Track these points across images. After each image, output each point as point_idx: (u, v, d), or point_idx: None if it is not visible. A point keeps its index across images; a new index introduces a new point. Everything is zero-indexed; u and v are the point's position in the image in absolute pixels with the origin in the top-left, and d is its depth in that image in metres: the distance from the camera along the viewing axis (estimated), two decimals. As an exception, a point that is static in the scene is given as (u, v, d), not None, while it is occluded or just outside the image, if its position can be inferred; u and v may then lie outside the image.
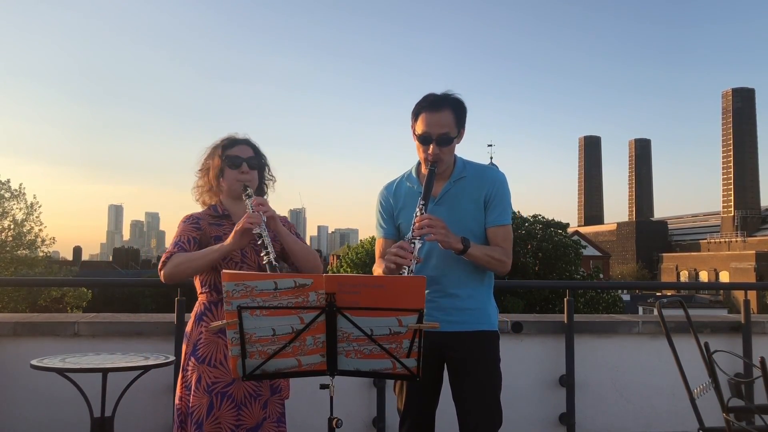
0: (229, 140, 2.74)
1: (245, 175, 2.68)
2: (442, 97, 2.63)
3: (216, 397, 2.49)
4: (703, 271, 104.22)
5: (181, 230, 2.66)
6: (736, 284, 41.71)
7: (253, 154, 2.73)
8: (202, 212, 2.75)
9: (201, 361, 2.54)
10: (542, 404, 4.42)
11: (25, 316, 4.50)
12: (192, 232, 2.64)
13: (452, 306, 2.64)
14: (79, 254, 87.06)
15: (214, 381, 2.51)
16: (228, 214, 2.71)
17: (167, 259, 2.56)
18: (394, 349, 1.95)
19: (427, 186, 2.57)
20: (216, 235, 2.65)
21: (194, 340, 2.59)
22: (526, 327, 4.43)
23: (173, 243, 2.63)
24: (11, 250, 32.02)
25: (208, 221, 2.70)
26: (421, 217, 2.49)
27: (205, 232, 2.66)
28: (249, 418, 2.54)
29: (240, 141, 2.75)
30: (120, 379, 3.31)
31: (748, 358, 4.40)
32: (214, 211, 2.73)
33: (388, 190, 2.82)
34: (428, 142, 2.60)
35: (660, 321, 3.34)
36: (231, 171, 2.68)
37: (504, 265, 2.66)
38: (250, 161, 2.70)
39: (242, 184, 2.65)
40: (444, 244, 2.52)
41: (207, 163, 2.76)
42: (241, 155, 2.69)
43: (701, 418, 3.14)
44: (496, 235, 2.67)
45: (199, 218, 2.70)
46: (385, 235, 2.80)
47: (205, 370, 2.52)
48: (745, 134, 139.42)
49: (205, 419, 2.47)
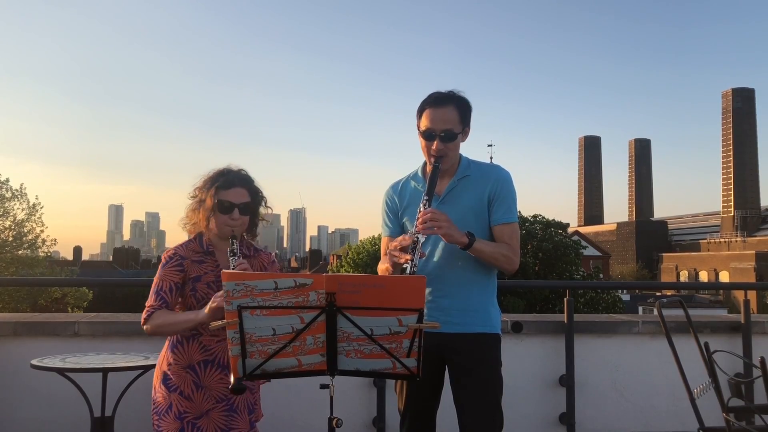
0: (225, 180, 2.64)
1: (235, 221, 2.61)
2: (447, 95, 2.64)
3: (187, 425, 2.53)
4: (703, 271, 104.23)
5: (163, 275, 2.61)
6: (736, 284, 41.73)
7: (247, 200, 2.65)
8: (186, 247, 2.68)
9: (172, 390, 2.56)
10: (542, 404, 4.42)
11: (25, 316, 4.51)
12: (174, 277, 2.60)
13: (453, 307, 2.62)
14: (79, 254, 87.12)
15: (185, 410, 2.54)
16: (212, 251, 2.67)
17: (149, 316, 2.56)
18: (394, 349, 1.95)
19: (431, 181, 2.57)
20: (196, 276, 2.61)
21: (165, 369, 2.62)
22: (526, 327, 4.43)
23: (154, 292, 2.59)
24: (12, 250, 32.01)
25: (192, 258, 2.65)
26: (424, 212, 2.48)
27: (186, 272, 2.62)
28: None
29: (235, 182, 2.64)
30: (120, 379, 3.31)
31: (748, 358, 4.40)
32: (199, 245, 2.67)
33: (393, 189, 2.83)
34: (432, 138, 2.60)
35: (660, 321, 3.34)
36: (221, 215, 2.60)
37: (511, 261, 2.64)
38: (242, 208, 2.63)
39: (230, 231, 2.60)
40: (448, 238, 2.51)
41: (200, 197, 2.67)
42: (234, 201, 2.60)
43: (701, 418, 3.14)
44: (502, 232, 2.66)
45: (183, 258, 2.64)
46: (390, 233, 2.80)
47: (176, 398, 2.55)
48: (745, 134, 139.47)
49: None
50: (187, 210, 2.73)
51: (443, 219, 2.48)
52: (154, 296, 2.59)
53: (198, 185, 2.70)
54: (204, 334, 2.58)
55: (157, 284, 2.61)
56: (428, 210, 2.49)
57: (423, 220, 2.46)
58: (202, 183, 2.69)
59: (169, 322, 2.52)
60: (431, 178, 2.57)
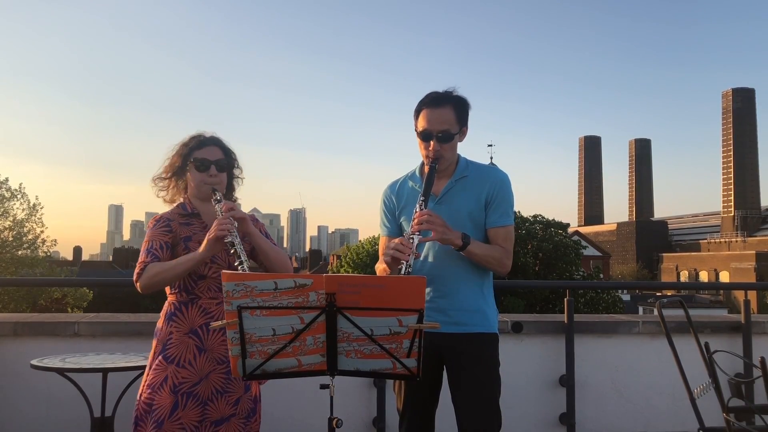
0: (196, 140, 2.68)
1: (213, 178, 2.63)
2: (444, 95, 2.63)
3: (181, 397, 2.48)
4: (703, 271, 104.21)
5: (152, 235, 2.62)
6: (736, 284, 41.76)
7: (221, 156, 2.68)
8: (171, 212, 2.70)
9: (170, 361, 2.52)
10: (542, 404, 4.42)
11: (25, 316, 4.51)
12: (163, 237, 2.60)
13: (450, 307, 2.62)
14: (79, 254, 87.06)
15: (181, 381, 2.49)
16: (197, 213, 2.68)
17: (142, 270, 2.53)
18: (394, 349, 1.95)
19: (428, 182, 2.57)
20: (186, 236, 2.62)
21: (164, 339, 2.58)
22: (526, 327, 4.43)
23: (145, 251, 2.58)
24: (12, 250, 32.02)
25: (179, 221, 2.66)
26: (420, 213, 2.49)
27: (175, 233, 2.63)
28: (214, 413, 2.52)
29: (208, 141, 2.68)
30: (120, 379, 3.31)
31: (748, 358, 4.40)
32: (183, 209, 2.69)
33: (391, 189, 2.83)
34: (429, 138, 2.60)
35: (660, 321, 3.34)
36: (199, 173, 2.63)
37: (503, 265, 2.65)
38: (218, 163, 2.65)
39: (210, 187, 2.62)
40: (443, 240, 2.52)
41: (174, 162, 2.69)
42: (209, 158, 2.64)
43: (701, 418, 3.14)
44: (497, 235, 2.67)
45: (170, 219, 2.66)
46: (388, 233, 2.81)
47: (173, 370, 2.51)
48: (745, 134, 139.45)
49: (167, 418, 2.46)
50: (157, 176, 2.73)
51: (439, 222, 2.48)
52: (145, 254, 2.57)
53: (171, 153, 2.71)
54: (202, 297, 2.57)
55: (148, 244, 2.60)
56: (424, 211, 2.49)
57: (418, 221, 2.47)
58: (175, 150, 2.70)
59: (165, 268, 2.49)
60: (428, 179, 2.58)
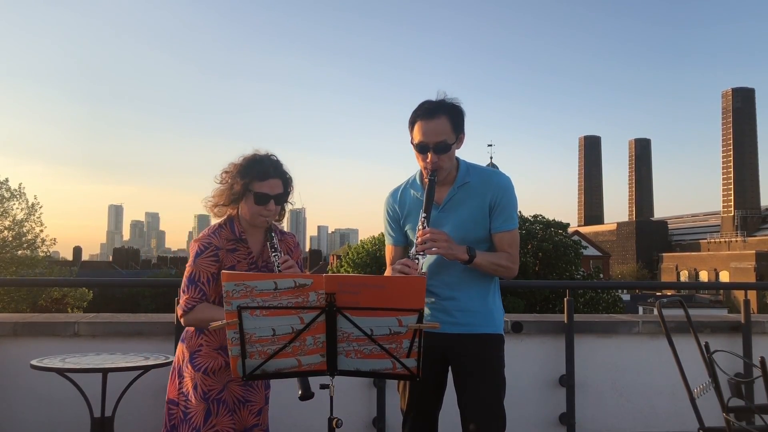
0: (259, 171, 2.57)
1: (269, 212, 2.59)
2: (437, 104, 2.59)
3: (213, 404, 2.53)
4: (703, 271, 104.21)
5: (200, 266, 2.55)
6: (736, 284, 41.75)
7: (281, 191, 2.61)
8: (218, 235, 2.62)
9: (198, 369, 2.57)
10: (542, 404, 4.42)
11: (25, 316, 4.51)
12: (210, 268, 2.56)
13: (455, 307, 2.63)
14: (79, 254, 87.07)
15: (209, 389, 2.54)
16: (245, 239, 2.64)
17: (191, 308, 2.50)
18: (394, 349, 1.96)
19: (428, 197, 2.55)
20: (230, 266, 2.58)
21: (193, 348, 2.60)
22: (526, 327, 4.43)
23: (192, 283, 2.52)
24: (11, 250, 32.01)
25: (226, 247, 2.61)
26: (423, 232, 2.48)
27: (221, 262, 2.58)
28: (238, 423, 2.60)
29: (271, 173, 2.59)
30: (120, 379, 3.31)
31: (748, 358, 4.40)
32: (231, 231, 2.63)
33: (393, 198, 2.80)
34: (425, 150, 2.57)
35: (660, 321, 3.34)
36: (256, 206, 2.57)
37: (510, 271, 2.65)
38: (277, 199, 2.60)
39: (264, 219, 2.59)
40: (449, 256, 2.52)
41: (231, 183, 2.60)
42: (270, 193, 2.57)
43: (701, 418, 3.14)
44: (502, 240, 2.66)
45: (218, 248, 2.60)
46: (394, 242, 2.81)
47: (201, 378, 2.55)
48: (745, 134, 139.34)
49: (202, 425, 2.50)
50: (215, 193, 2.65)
51: (442, 239, 2.48)
52: (192, 288, 2.52)
53: (228, 170, 2.63)
54: None
55: (194, 275, 2.54)
56: (427, 230, 2.48)
57: (422, 240, 2.46)
58: (234, 169, 2.61)
59: (212, 316, 2.40)
60: (428, 193, 2.55)
